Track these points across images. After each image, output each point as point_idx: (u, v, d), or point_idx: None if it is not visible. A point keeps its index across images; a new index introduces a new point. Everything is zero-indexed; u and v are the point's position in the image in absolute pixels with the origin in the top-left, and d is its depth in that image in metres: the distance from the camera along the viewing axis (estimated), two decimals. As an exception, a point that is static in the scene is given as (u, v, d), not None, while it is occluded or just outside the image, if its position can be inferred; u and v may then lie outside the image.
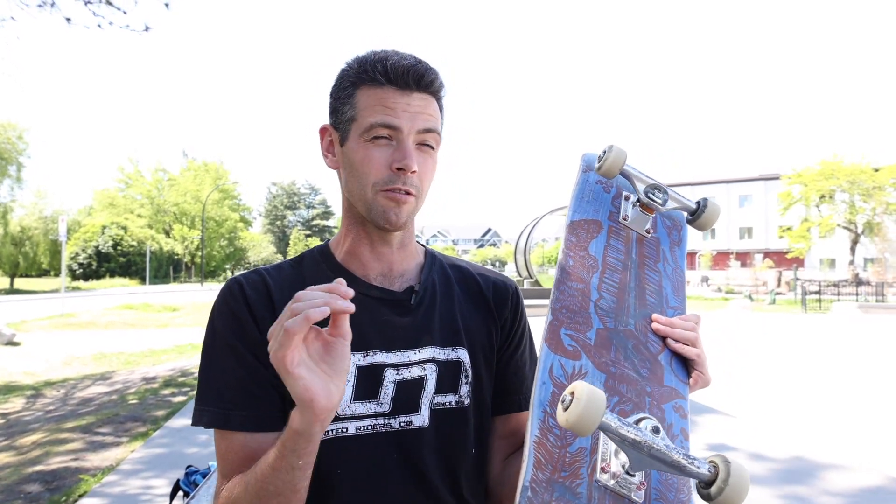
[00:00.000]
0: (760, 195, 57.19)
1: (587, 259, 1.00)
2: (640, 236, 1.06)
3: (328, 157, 1.03)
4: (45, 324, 15.83)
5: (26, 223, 42.41)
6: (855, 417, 6.42)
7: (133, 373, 9.01)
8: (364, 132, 0.94)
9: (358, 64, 0.96)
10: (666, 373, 0.91)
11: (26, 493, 4.07)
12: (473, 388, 1.02)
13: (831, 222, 36.25)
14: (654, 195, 1.02)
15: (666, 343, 0.94)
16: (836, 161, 35.79)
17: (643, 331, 0.94)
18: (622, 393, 0.86)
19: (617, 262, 1.01)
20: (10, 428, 5.98)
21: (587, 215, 1.05)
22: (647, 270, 1.02)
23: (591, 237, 1.03)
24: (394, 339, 0.98)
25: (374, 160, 0.94)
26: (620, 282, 0.99)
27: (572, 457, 0.78)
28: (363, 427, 0.94)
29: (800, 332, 15.10)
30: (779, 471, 4.61)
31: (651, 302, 0.99)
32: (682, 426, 0.87)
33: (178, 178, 56.30)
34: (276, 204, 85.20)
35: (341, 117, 0.98)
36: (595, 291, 0.96)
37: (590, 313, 0.93)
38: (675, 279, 1.04)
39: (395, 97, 0.93)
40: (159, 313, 19.40)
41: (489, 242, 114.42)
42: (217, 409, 0.92)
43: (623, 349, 0.91)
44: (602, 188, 1.09)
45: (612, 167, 1.00)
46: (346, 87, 0.97)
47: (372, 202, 0.95)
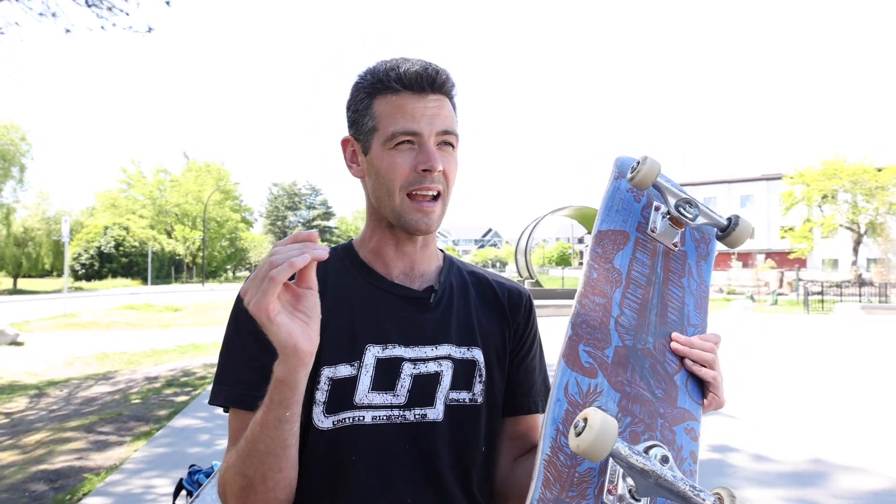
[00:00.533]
0: (762, 195, 57.11)
1: (611, 272, 0.99)
2: (668, 249, 1.05)
3: (353, 167, 1.06)
4: (47, 324, 15.86)
5: (29, 224, 42.43)
6: (858, 418, 6.42)
7: (135, 373, 9.03)
8: (386, 140, 0.97)
9: (371, 75, 1.00)
10: (680, 394, 0.91)
11: (31, 491, 4.09)
12: (486, 388, 1.05)
13: (834, 222, 36.17)
14: (685, 209, 1.01)
15: (683, 363, 0.94)
16: (839, 161, 35.72)
17: (661, 350, 0.94)
18: (635, 414, 0.86)
19: (641, 277, 1.01)
20: (15, 427, 6.00)
21: (615, 225, 1.05)
22: (672, 286, 1.02)
23: (617, 249, 1.02)
24: (412, 335, 1.02)
25: (398, 165, 0.97)
26: (643, 297, 0.99)
27: (581, 477, 0.78)
28: (379, 417, 0.97)
29: (802, 333, 15.08)
30: (781, 473, 4.61)
31: (672, 320, 0.98)
32: (692, 449, 0.87)
33: (179, 178, 56.31)
34: (277, 204, 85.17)
35: (362, 128, 1.01)
36: (617, 307, 0.96)
37: (609, 330, 0.93)
38: (699, 295, 1.03)
39: (412, 102, 0.97)
40: (161, 313, 19.42)
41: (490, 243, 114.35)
42: (235, 389, 0.96)
43: (640, 368, 0.91)
44: (633, 197, 1.09)
45: (646, 179, 1.00)
46: (362, 99, 1.01)
47: (400, 208, 0.99)
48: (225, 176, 59.10)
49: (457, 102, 1.06)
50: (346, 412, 0.96)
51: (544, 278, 43.17)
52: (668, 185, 1.03)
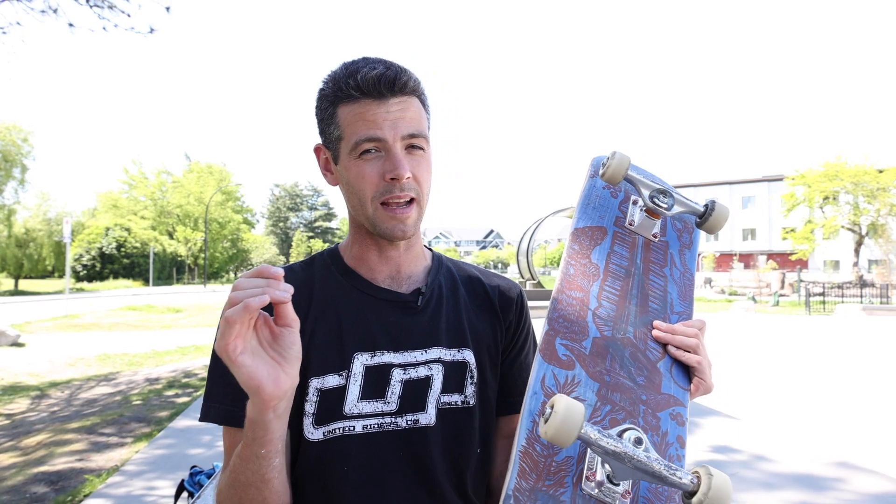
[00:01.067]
0: (764, 197, 57.07)
1: (588, 267, 0.99)
2: (648, 241, 1.05)
3: (327, 175, 1.05)
4: (49, 325, 15.88)
5: (31, 225, 42.52)
6: (861, 420, 6.41)
7: (137, 374, 9.04)
8: (352, 150, 0.95)
9: (332, 83, 0.97)
10: (665, 380, 0.91)
11: (32, 493, 4.09)
12: (479, 389, 1.03)
13: (835, 224, 36.16)
14: (659, 200, 1.01)
15: (667, 350, 0.93)
16: (840, 162, 35.72)
17: (643, 338, 0.94)
18: (615, 402, 0.86)
19: (620, 269, 1.00)
20: (16, 428, 6.00)
21: (592, 222, 1.05)
22: (653, 276, 1.01)
23: (594, 244, 1.02)
24: (401, 340, 1.00)
25: (366, 175, 0.95)
26: (622, 289, 0.98)
27: (558, 466, 0.78)
28: (370, 426, 0.95)
29: (803, 334, 15.06)
30: (783, 474, 4.60)
31: (654, 308, 0.98)
32: (679, 433, 0.87)
33: (181, 180, 56.44)
34: (279, 206, 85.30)
35: (329, 137, 1.00)
36: (594, 300, 0.96)
37: (587, 322, 0.93)
38: (683, 284, 1.03)
39: (373, 108, 0.94)
40: (163, 315, 19.44)
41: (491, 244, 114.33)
42: (224, 405, 0.95)
43: (619, 357, 0.90)
44: (609, 193, 1.09)
45: (615, 173, 1.00)
46: (326, 108, 0.98)
47: (374, 217, 0.97)
48: (227, 177, 59.25)
49: (426, 99, 1.03)
50: (335, 423, 0.95)
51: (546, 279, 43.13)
52: (641, 178, 1.03)
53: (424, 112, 1.01)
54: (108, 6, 7.59)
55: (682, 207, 1.03)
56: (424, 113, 1.00)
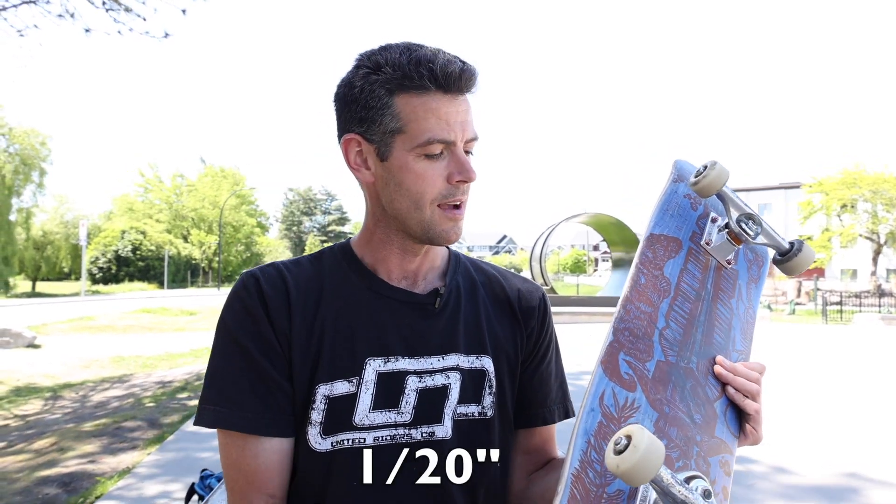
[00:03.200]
0: (780, 204, 56.57)
1: (660, 280, 0.92)
2: (720, 266, 0.98)
3: (362, 171, 0.93)
4: (64, 327, 16.03)
5: (48, 228, 43.09)
6: (881, 430, 6.29)
7: (150, 376, 9.08)
8: (416, 147, 0.86)
9: (393, 67, 0.86)
10: (719, 423, 0.85)
11: (43, 494, 4.10)
12: (497, 400, 0.97)
13: (853, 232, 35.72)
14: (747, 225, 0.93)
15: (725, 390, 0.87)
16: (859, 170, 35.32)
17: (704, 372, 0.87)
18: (671, 437, 0.80)
19: (690, 290, 0.94)
20: (29, 429, 6.04)
21: (669, 231, 0.97)
22: (720, 305, 0.94)
23: (668, 256, 0.95)
24: (417, 345, 0.94)
25: (429, 177, 0.88)
26: (691, 312, 0.91)
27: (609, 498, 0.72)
28: (381, 437, 0.89)
29: (820, 344, 14.87)
30: (801, 485, 4.52)
31: (718, 341, 0.91)
32: (725, 484, 0.81)
33: (196, 183, 56.90)
34: (293, 210, 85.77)
35: (377, 128, 0.88)
36: (663, 318, 0.89)
37: (653, 342, 0.86)
38: (746, 320, 0.96)
39: (447, 106, 0.86)
40: (176, 317, 19.56)
41: (504, 249, 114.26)
42: (221, 408, 0.88)
43: (681, 389, 0.84)
44: (689, 204, 1.01)
45: (711, 186, 0.92)
46: (379, 95, 0.87)
47: (430, 219, 0.90)
48: (241, 181, 59.67)
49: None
50: (344, 433, 0.89)
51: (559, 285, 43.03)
52: (733, 197, 0.95)
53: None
54: (124, 10, 7.66)
55: (767, 239, 0.95)
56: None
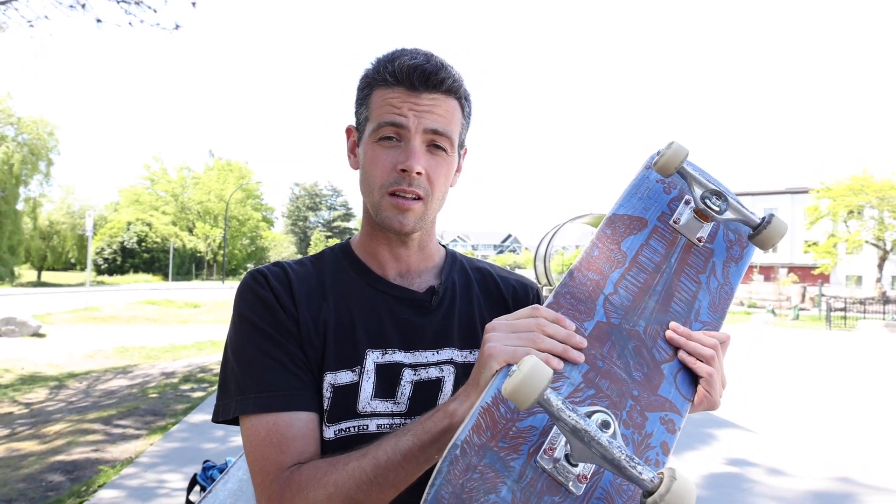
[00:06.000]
0: (787, 209, 56.33)
1: (615, 253, 0.93)
2: (690, 243, 0.98)
3: (351, 157, 1.04)
4: (69, 317, 16.11)
5: (54, 218, 43.28)
6: (881, 437, 6.29)
7: (154, 367, 9.13)
8: (373, 132, 0.94)
9: (373, 65, 0.96)
10: (665, 383, 0.85)
11: (48, 481, 4.14)
12: None
13: (859, 238, 35.57)
14: (711, 201, 0.94)
15: (677, 354, 0.87)
16: (867, 176, 35.15)
17: (653, 335, 0.88)
18: (601, 388, 0.80)
19: (649, 263, 0.94)
20: (35, 417, 6.09)
21: (633, 211, 0.98)
22: (684, 278, 0.94)
23: (629, 233, 0.96)
24: (412, 340, 0.97)
25: (380, 161, 0.94)
26: (645, 282, 0.92)
27: (518, 432, 0.73)
28: (383, 425, 0.93)
29: (824, 349, 14.83)
30: (799, 490, 4.53)
31: (676, 310, 0.91)
32: (665, 440, 0.80)
33: (202, 176, 57.04)
34: (299, 205, 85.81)
35: (360, 118, 0.99)
36: (611, 285, 0.90)
37: (596, 304, 0.87)
38: (718, 296, 0.95)
39: (403, 97, 0.93)
40: (181, 309, 19.63)
41: (509, 248, 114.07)
42: (263, 394, 0.88)
43: (620, 347, 0.85)
44: (662, 188, 1.02)
45: (668, 164, 0.94)
46: (363, 89, 0.98)
47: (378, 205, 0.96)
48: (247, 175, 59.76)
49: (468, 105, 1.00)
50: (348, 421, 0.92)
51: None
52: (696, 174, 0.96)
53: (460, 116, 0.98)
54: (135, 2, 7.69)
55: (735, 214, 0.95)
56: (459, 116, 0.98)
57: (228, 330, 0.97)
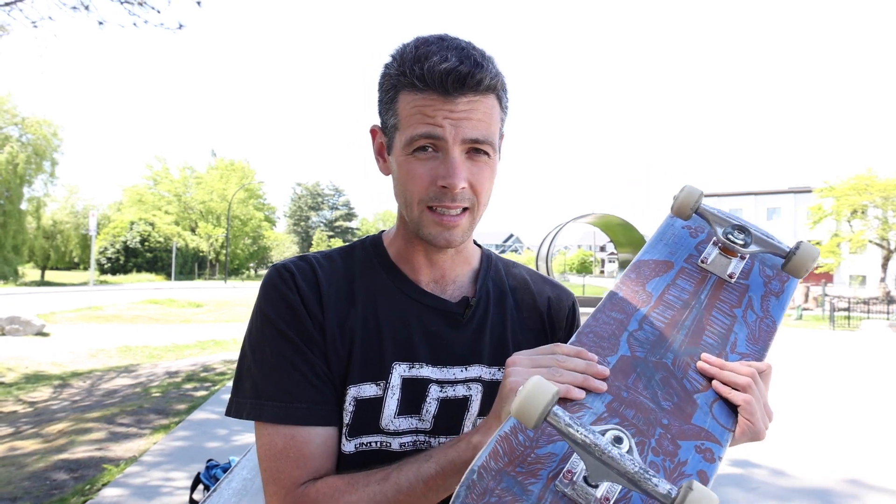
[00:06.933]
0: (790, 208, 56.26)
1: (640, 294, 0.93)
2: (721, 281, 0.96)
3: (380, 161, 0.96)
4: (73, 316, 16.14)
5: (58, 217, 43.35)
6: (885, 437, 6.27)
7: (157, 366, 9.15)
8: (406, 144, 0.86)
9: (398, 64, 0.86)
10: (699, 412, 0.82)
11: (52, 480, 4.15)
12: None
13: (862, 238, 35.48)
14: (734, 236, 0.93)
15: (711, 384, 0.84)
16: (870, 176, 35.07)
17: (683, 367, 0.86)
18: (626, 417, 0.78)
19: (676, 301, 0.93)
20: (38, 416, 6.10)
21: (658, 256, 0.98)
22: (717, 313, 0.93)
23: (654, 276, 0.96)
24: (442, 355, 0.93)
25: (417, 177, 0.86)
26: (672, 318, 0.90)
27: (536, 458, 0.73)
28: (405, 444, 0.90)
29: (827, 349, 14.79)
30: (803, 489, 4.52)
31: (708, 343, 0.89)
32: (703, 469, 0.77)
33: (204, 176, 57.08)
34: (301, 204, 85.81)
35: (387, 123, 0.90)
36: (635, 322, 0.89)
37: (620, 340, 0.86)
38: (757, 328, 0.93)
39: (437, 104, 0.83)
40: (183, 309, 19.65)
41: (511, 248, 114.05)
42: (280, 402, 0.86)
43: (646, 378, 0.83)
44: (689, 233, 1.02)
45: (683, 206, 0.95)
46: (388, 90, 0.88)
47: (419, 221, 0.89)
48: (249, 174, 59.79)
49: (505, 96, 0.92)
50: (370, 436, 0.89)
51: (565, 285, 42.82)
52: (715, 213, 0.96)
53: (499, 112, 0.90)
54: (138, 2, 7.69)
55: (761, 246, 0.94)
56: (498, 112, 0.90)
57: (249, 323, 0.94)
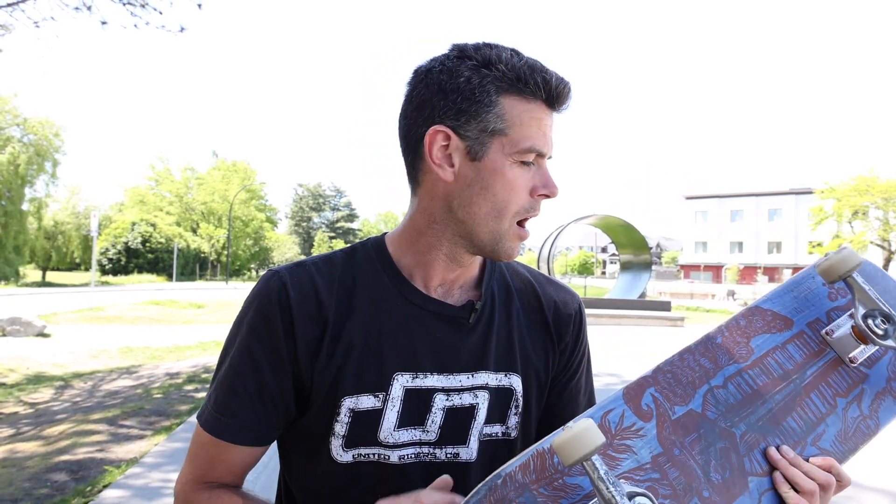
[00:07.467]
0: (791, 209, 56.28)
1: (741, 347, 0.84)
2: (838, 360, 0.86)
3: (443, 167, 0.85)
4: (74, 317, 16.15)
5: (60, 218, 43.37)
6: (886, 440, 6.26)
7: (158, 367, 9.15)
8: (516, 152, 0.83)
9: (505, 66, 0.82)
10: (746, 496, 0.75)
11: (53, 481, 4.15)
12: (522, 419, 0.94)
13: (864, 239, 35.46)
14: (875, 322, 0.82)
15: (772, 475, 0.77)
16: (872, 177, 35.05)
17: (750, 444, 0.77)
18: (667, 475, 0.73)
19: (776, 368, 0.83)
20: (39, 417, 6.11)
21: (780, 309, 0.88)
22: (815, 396, 0.83)
23: (765, 331, 0.86)
24: (447, 362, 0.90)
25: (518, 186, 0.84)
26: (763, 387, 0.82)
27: (563, 485, 0.71)
28: (406, 456, 0.87)
29: (828, 350, 14.77)
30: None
31: (790, 426, 0.80)
32: None
33: (206, 177, 57.13)
34: (302, 205, 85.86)
35: (475, 125, 0.83)
36: (721, 378, 0.81)
37: (697, 392, 0.79)
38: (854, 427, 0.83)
39: (546, 118, 0.85)
40: (185, 310, 19.66)
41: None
42: (220, 415, 0.87)
43: (706, 443, 0.76)
44: (828, 293, 0.91)
45: (831, 269, 0.84)
46: (486, 90, 0.82)
47: (504, 232, 0.86)
48: (251, 175, 59.83)
49: None
50: (367, 448, 0.87)
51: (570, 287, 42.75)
52: (864, 288, 0.84)
53: None
54: (140, 4, 7.71)
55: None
56: None
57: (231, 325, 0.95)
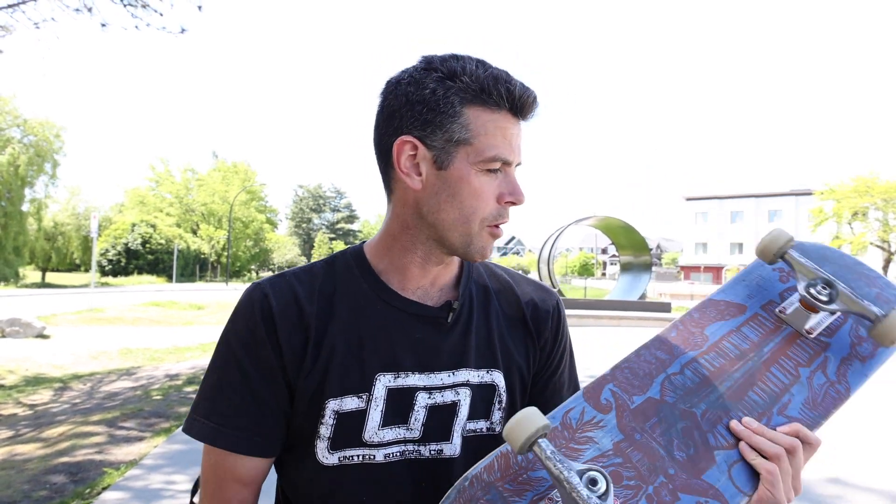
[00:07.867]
0: (791, 210, 56.30)
1: (695, 336, 0.88)
2: (795, 334, 0.88)
3: (411, 176, 0.88)
4: (73, 318, 16.14)
5: (60, 219, 43.38)
6: (878, 438, 6.26)
7: (158, 369, 9.14)
8: (479, 161, 0.85)
9: (469, 77, 0.85)
10: (714, 470, 0.77)
11: (52, 483, 4.14)
12: (506, 414, 0.96)
13: (863, 240, 35.48)
14: (816, 290, 0.85)
15: (738, 446, 0.79)
16: (872, 178, 35.08)
17: (712, 420, 0.80)
18: (630, 459, 0.76)
19: (732, 350, 0.86)
20: (38, 419, 6.09)
21: (733, 297, 0.92)
22: (775, 369, 0.85)
23: (718, 319, 0.90)
24: (428, 361, 0.92)
25: (485, 194, 0.87)
26: (721, 367, 0.84)
27: (528, 479, 0.75)
28: (391, 454, 0.89)
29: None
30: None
31: (753, 399, 0.82)
32: None
33: (206, 178, 57.12)
34: (302, 206, 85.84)
35: (441, 135, 0.85)
36: (677, 365, 0.84)
37: (654, 381, 0.82)
38: (822, 393, 0.84)
39: (511, 127, 0.87)
40: (185, 311, 19.65)
41: (512, 251, 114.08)
42: (211, 423, 0.89)
43: (666, 425, 0.79)
44: (779, 276, 0.95)
45: (766, 249, 0.89)
46: (450, 102, 0.85)
47: (476, 236, 0.89)
48: (251, 176, 59.84)
49: None
50: (353, 449, 0.89)
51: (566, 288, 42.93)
52: (800, 260, 0.87)
53: None
54: (141, 5, 7.70)
55: (847, 306, 0.83)
56: None
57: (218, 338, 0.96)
